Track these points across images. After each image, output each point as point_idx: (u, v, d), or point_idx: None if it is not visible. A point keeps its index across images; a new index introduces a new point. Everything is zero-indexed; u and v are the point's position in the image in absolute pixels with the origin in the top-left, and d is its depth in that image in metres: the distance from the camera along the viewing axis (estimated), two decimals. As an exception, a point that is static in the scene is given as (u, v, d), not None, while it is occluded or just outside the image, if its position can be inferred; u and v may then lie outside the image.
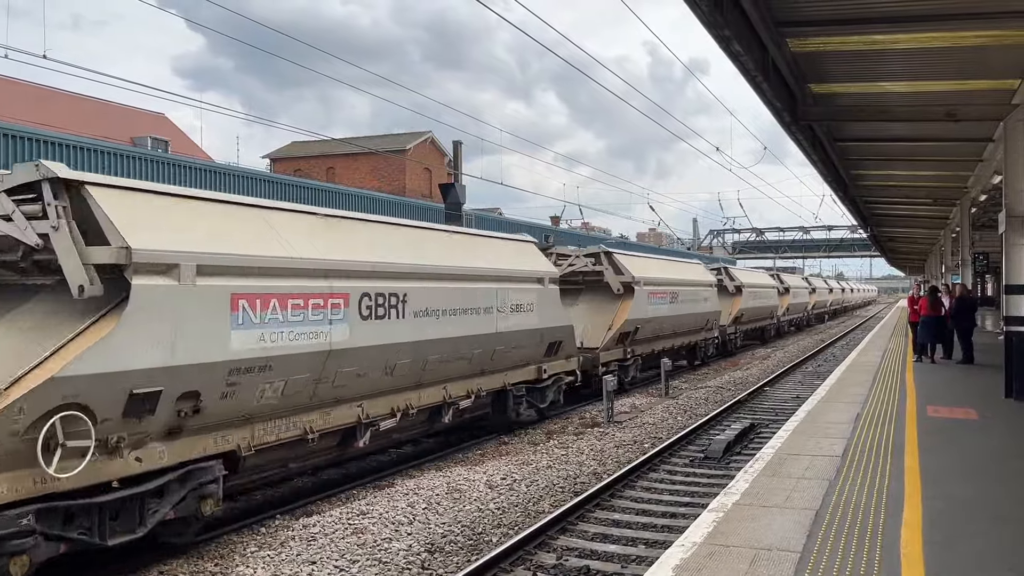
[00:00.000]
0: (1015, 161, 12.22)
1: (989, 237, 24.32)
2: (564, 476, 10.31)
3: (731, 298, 28.68)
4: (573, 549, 7.59)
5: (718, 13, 7.94)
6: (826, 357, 27.65)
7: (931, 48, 10.16)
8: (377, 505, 8.72)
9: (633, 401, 16.79)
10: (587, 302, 17.90)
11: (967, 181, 19.83)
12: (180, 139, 47.40)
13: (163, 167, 20.29)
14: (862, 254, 78.50)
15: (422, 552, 7.40)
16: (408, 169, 49.28)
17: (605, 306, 17.80)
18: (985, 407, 11.09)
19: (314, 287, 8.35)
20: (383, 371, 9.57)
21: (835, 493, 6.60)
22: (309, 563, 7.05)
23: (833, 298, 60.70)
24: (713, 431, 13.42)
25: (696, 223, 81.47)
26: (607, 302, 17.84)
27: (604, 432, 13.30)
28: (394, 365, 9.70)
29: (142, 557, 7.26)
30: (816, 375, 21.26)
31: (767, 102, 10.99)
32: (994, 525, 5.73)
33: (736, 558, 5.07)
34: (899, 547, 5.23)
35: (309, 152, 51.44)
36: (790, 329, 41.58)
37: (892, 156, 17.84)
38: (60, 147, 17.80)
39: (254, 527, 8.28)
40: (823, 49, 10.42)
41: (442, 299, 10.65)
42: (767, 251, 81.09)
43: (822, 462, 7.77)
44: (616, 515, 8.75)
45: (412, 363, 10.09)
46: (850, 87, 12.35)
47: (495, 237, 14.11)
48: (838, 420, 10.13)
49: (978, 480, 7.08)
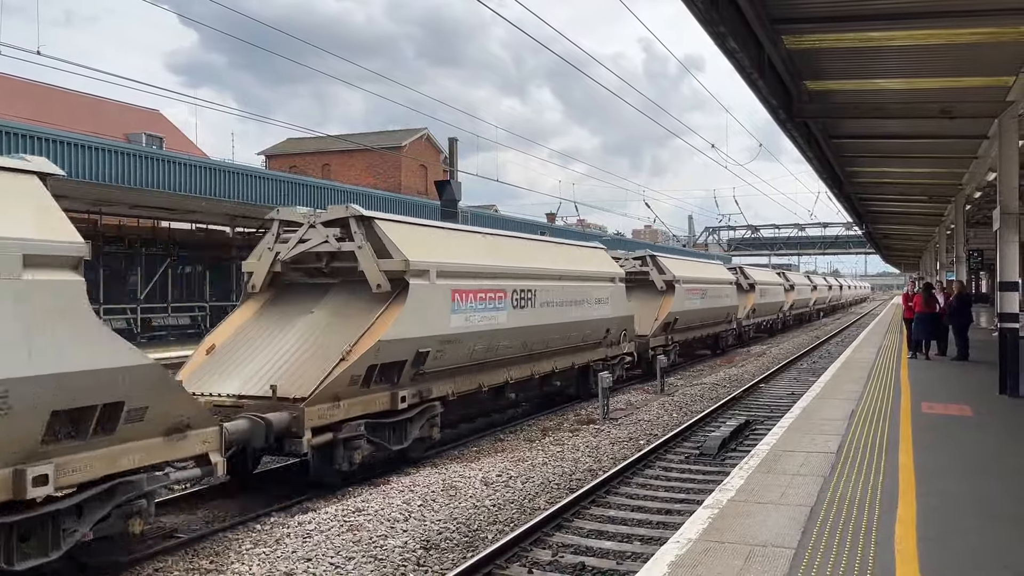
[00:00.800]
0: (1009, 158, 12.26)
1: (983, 234, 24.38)
2: (560, 473, 10.32)
3: (746, 294, 31.92)
4: (569, 546, 7.59)
5: (714, 10, 7.93)
6: (821, 354, 27.71)
7: (926, 45, 10.16)
8: (372, 502, 8.71)
9: (628, 398, 16.81)
10: (636, 298, 20.45)
11: (962, 178, 19.86)
12: (175, 135, 47.26)
13: (158, 164, 20.22)
14: (857, 251, 78.59)
15: (418, 549, 7.39)
16: (404, 166, 49.25)
17: (651, 300, 21.21)
18: (979, 404, 11.12)
19: (490, 285, 12.11)
20: (521, 346, 13.28)
21: (830, 489, 6.62)
22: (304, 560, 7.03)
23: (831, 295, 61.87)
24: (708, 428, 13.44)
25: (692, 220, 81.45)
26: (653, 297, 21.33)
27: (600, 429, 13.31)
28: (529, 342, 13.44)
29: (136, 553, 7.25)
30: (811, 372, 21.30)
31: (763, 99, 10.98)
32: (988, 521, 5.75)
33: (731, 554, 5.08)
34: (893, 543, 5.25)
35: (305, 149, 51.35)
36: (794, 323, 44.41)
37: (887, 153, 17.87)
38: (56, 144, 17.74)
39: (249, 524, 8.26)
40: (818, 46, 10.41)
41: (556, 294, 14.26)
42: (763, 248, 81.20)
43: (817, 459, 7.78)
44: (612, 512, 8.75)
45: (538, 341, 13.78)
46: (845, 84, 12.36)
47: (579, 245, 17.97)
48: (833, 417, 10.15)
49: (972, 476, 7.10)
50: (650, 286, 21.50)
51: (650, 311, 20.69)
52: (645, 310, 20.38)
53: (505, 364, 12.89)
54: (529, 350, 13.49)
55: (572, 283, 14.97)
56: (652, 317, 20.60)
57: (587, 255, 17.03)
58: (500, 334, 12.27)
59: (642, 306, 20.29)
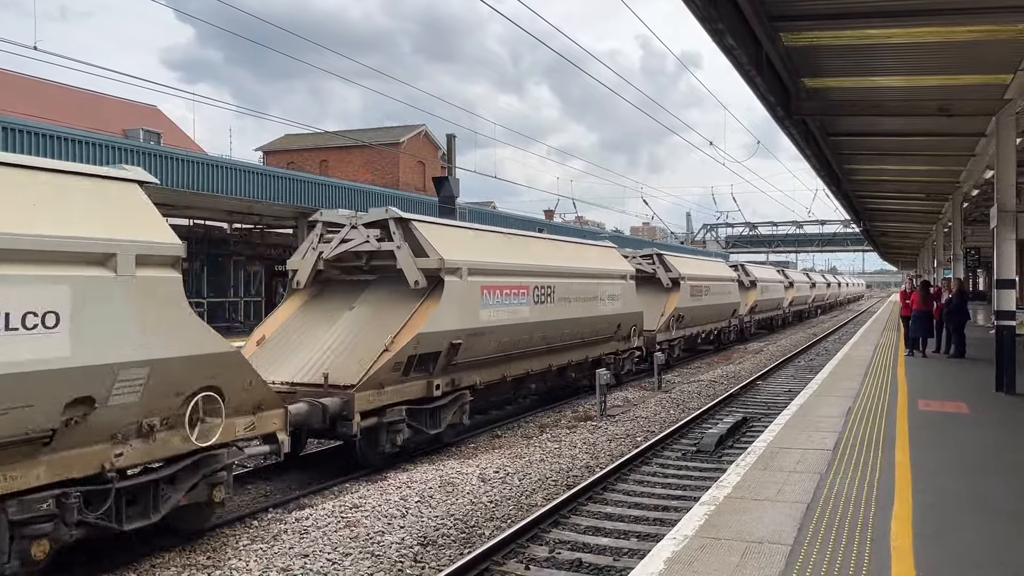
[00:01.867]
0: (1007, 156, 12.26)
1: (981, 232, 24.45)
2: (557, 469, 10.33)
3: (747, 291, 32.45)
4: (566, 542, 7.60)
5: (712, 7, 7.93)
6: (818, 351, 27.74)
7: (924, 43, 10.17)
8: (370, 498, 8.72)
9: (626, 395, 16.82)
10: (643, 294, 20.68)
11: (959, 176, 19.88)
12: (172, 131, 47.14)
13: (156, 160, 20.18)
14: (855, 249, 78.51)
15: (415, 545, 7.40)
16: (402, 162, 49.15)
17: (658, 297, 21.99)
18: (976, 401, 11.14)
19: (515, 281, 12.83)
20: (542, 339, 13.85)
21: (826, 486, 6.63)
22: (302, 556, 7.04)
23: (829, 292, 62.24)
24: (705, 425, 13.45)
25: (689, 217, 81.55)
26: (659, 294, 22.15)
27: (597, 426, 13.32)
28: (548, 335, 14.03)
29: (135, 550, 7.26)
30: (808, 369, 21.33)
31: (760, 96, 10.99)
32: (984, 518, 5.76)
33: (727, 551, 5.09)
34: (889, 540, 5.26)
35: (302, 145, 51.22)
36: (793, 320, 44.92)
37: (885, 150, 17.87)
38: (55, 140, 17.69)
39: (246, 520, 8.27)
40: (817, 44, 10.41)
41: (573, 290, 14.84)
42: (760, 245, 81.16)
43: (813, 456, 7.80)
44: (608, 508, 8.77)
45: (556, 335, 14.38)
46: (843, 81, 12.36)
47: (591, 244, 18.61)
48: (830, 414, 10.17)
49: (969, 474, 7.12)
50: (656, 283, 22.37)
51: (656, 307, 21.47)
52: (652, 306, 21.03)
53: (527, 356, 13.68)
54: (548, 343, 14.19)
55: (587, 280, 15.67)
56: (659, 313, 21.39)
57: (600, 253, 17.78)
58: (523, 328, 13.06)
59: (649, 302, 20.86)
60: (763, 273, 36.88)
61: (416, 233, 11.14)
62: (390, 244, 11.13)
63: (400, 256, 11.02)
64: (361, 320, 10.94)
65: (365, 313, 11.08)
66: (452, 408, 11.52)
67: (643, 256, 23.00)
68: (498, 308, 12.22)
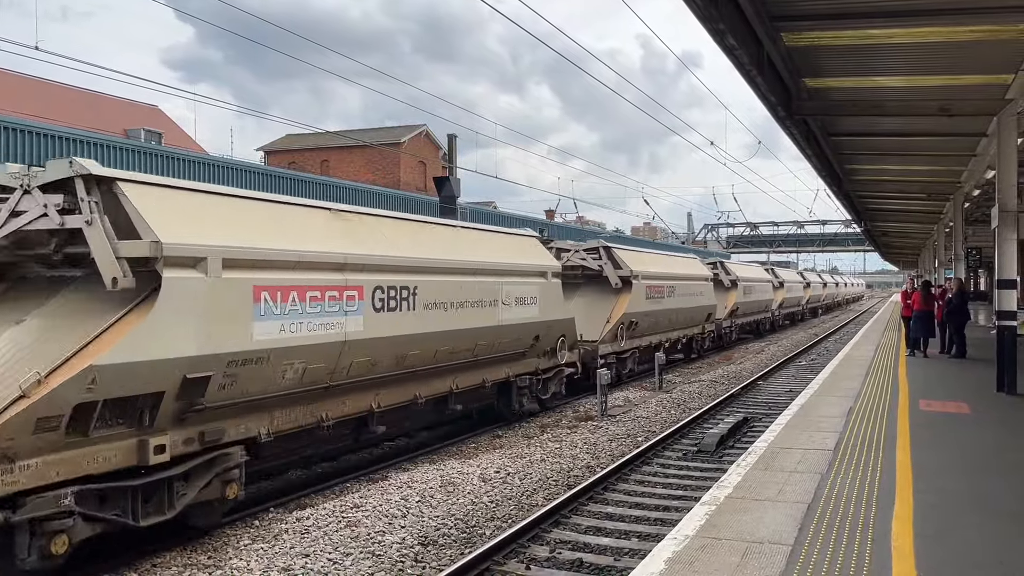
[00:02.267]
0: (1008, 156, 12.26)
1: (982, 232, 24.40)
2: (557, 469, 10.33)
3: (727, 292, 28.84)
4: (566, 542, 7.61)
5: (713, 7, 7.93)
6: (819, 351, 27.73)
7: (925, 43, 10.17)
8: (371, 498, 8.73)
9: (627, 395, 16.82)
10: (586, 296, 18.14)
11: (960, 176, 19.87)
12: (173, 131, 47.16)
13: (157, 160, 20.20)
14: (856, 249, 78.53)
15: (415, 545, 7.41)
16: (403, 162, 49.15)
17: (604, 300, 18.09)
18: (977, 401, 11.13)
19: (333, 280, 8.79)
20: (394, 361, 9.98)
21: (827, 487, 6.63)
22: (303, 556, 7.05)
23: (827, 292, 60.93)
24: (706, 425, 13.46)
25: (690, 217, 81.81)
26: (606, 296, 18.14)
27: (598, 426, 13.32)
28: (404, 355, 10.12)
29: (135, 550, 7.26)
30: (809, 369, 21.33)
31: (761, 96, 10.99)
32: (985, 518, 5.76)
33: (728, 551, 5.09)
34: (890, 540, 5.26)
35: (304, 145, 51.22)
36: (785, 323, 41.73)
37: (886, 151, 17.87)
38: (58, 140, 17.71)
39: (247, 520, 8.28)
40: (818, 44, 10.41)
41: (451, 293, 11.00)
42: (761, 245, 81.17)
43: (814, 456, 7.80)
44: (609, 508, 8.77)
45: (423, 355, 10.54)
46: (844, 81, 12.36)
47: (498, 232, 14.37)
48: (830, 414, 10.16)
49: (970, 474, 7.11)
50: (604, 283, 18.23)
51: (602, 312, 17.77)
52: (595, 311, 17.70)
53: (367, 387, 9.72)
54: (407, 367, 10.27)
55: (480, 278, 11.82)
56: (603, 319, 17.60)
57: (510, 244, 13.81)
58: (351, 346, 9.00)
59: (591, 306, 17.79)
60: (747, 272, 33.23)
61: (123, 200, 7.00)
62: (77, 218, 6.86)
63: (91, 237, 6.81)
64: (26, 342, 6.64)
65: (36, 331, 6.75)
66: (203, 477, 7.57)
67: (587, 250, 18.67)
68: (294, 320, 8.17)
